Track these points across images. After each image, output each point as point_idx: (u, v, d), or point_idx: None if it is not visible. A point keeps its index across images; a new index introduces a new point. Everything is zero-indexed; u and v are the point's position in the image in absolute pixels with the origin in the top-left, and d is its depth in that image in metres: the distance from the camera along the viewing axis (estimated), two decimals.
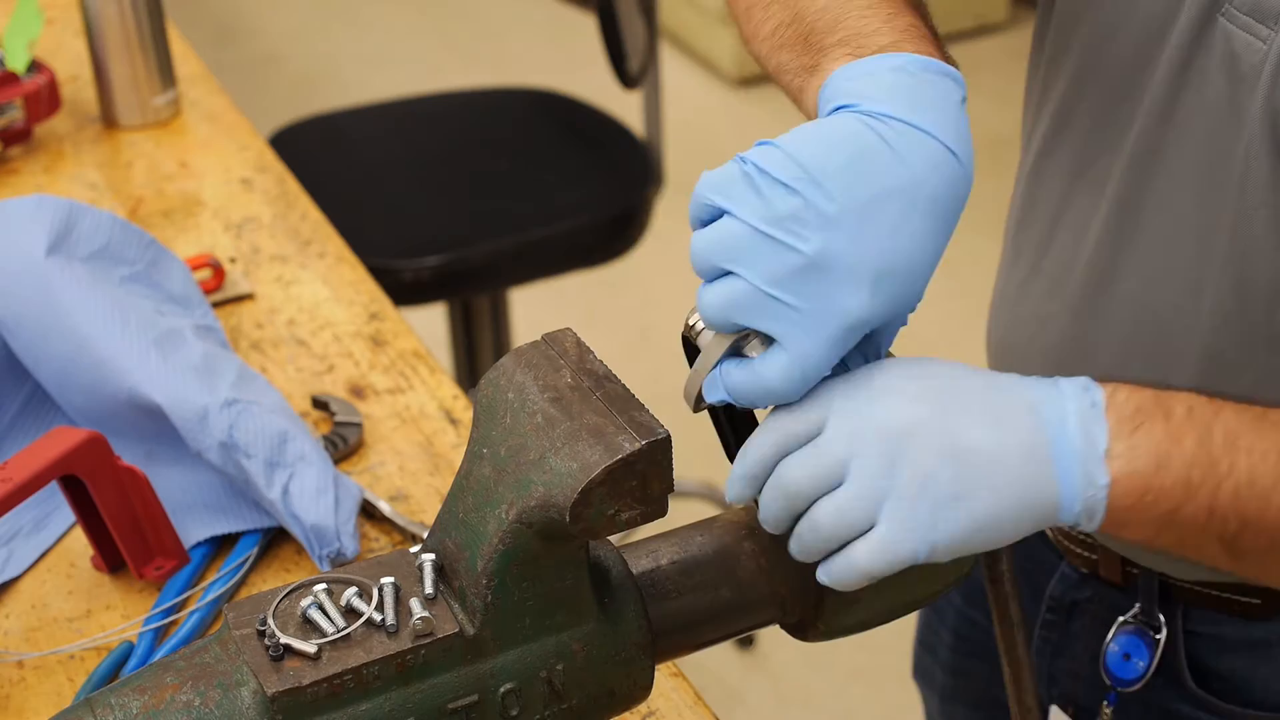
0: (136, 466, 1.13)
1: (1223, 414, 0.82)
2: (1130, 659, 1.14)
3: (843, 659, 2.57)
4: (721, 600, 0.93)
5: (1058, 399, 0.81)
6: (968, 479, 0.80)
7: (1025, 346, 1.17)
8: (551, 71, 3.51)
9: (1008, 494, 0.80)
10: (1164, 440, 0.81)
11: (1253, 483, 0.81)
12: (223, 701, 0.83)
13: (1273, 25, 0.94)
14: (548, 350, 0.89)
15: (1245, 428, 0.82)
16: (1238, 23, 0.96)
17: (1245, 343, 1.01)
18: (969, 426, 0.80)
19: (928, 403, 0.80)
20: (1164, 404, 0.81)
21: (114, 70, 1.74)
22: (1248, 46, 0.95)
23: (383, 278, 1.68)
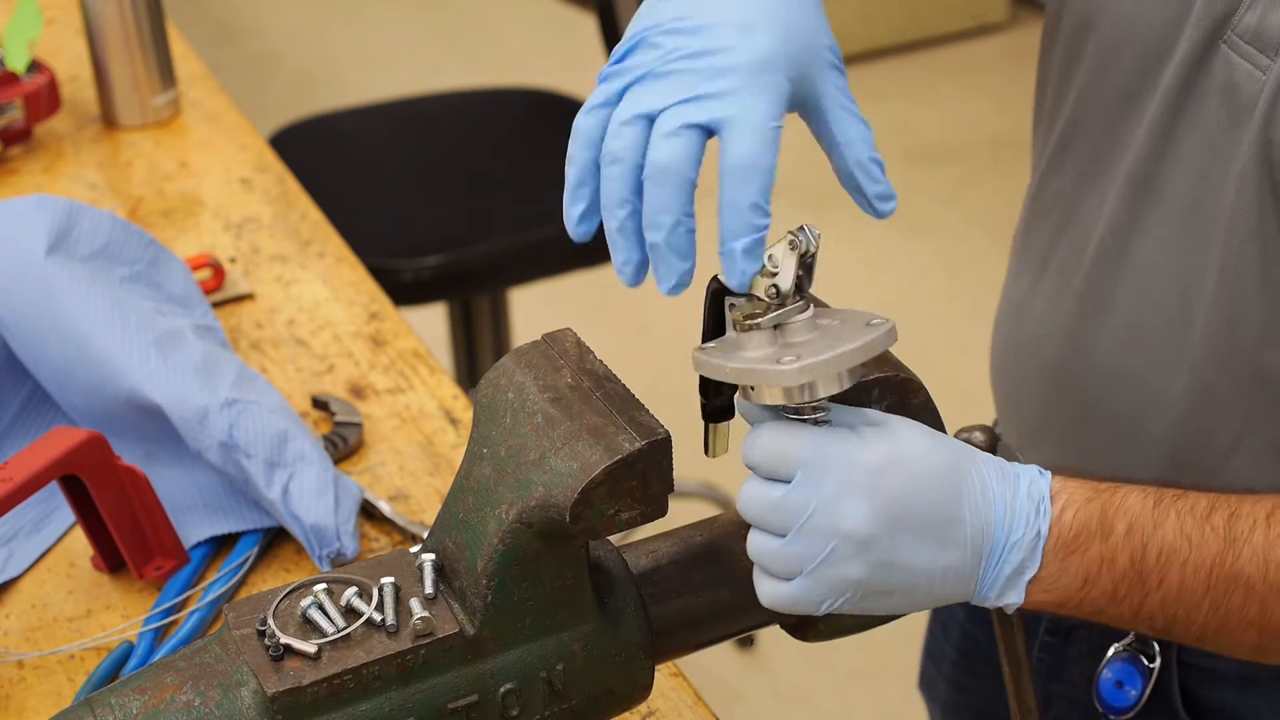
0: (136, 466, 1.13)
1: (1163, 528, 0.86)
2: (1123, 687, 1.13)
3: (843, 659, 2.57)
4: (721, 600, 0.93)
5: (1006, 524, 0.85)
6: (893, 584, 0.85)
7: (1021, 367, 1.17)
8: (551, 71, 3.52)
9: (924, 600, 0.87)
10: (1096, 562, 0.85)
11: (1181, 594, 0.86)
12: (223, 701, 0.83)
13: (1273, 55, 0.94)
14: (548, 350, 0.89)
15: (1184, 541, 0.85)
16: (1240, 51, 0.96)
17: (1234, 378, 1.01)
18: (912, 547, 0.84)
19: (884, 521, 0.83)
20: (1107, 522, 0.85)
21: (114, 70, 1.74)
22: (1248, 77, 0.95)
23: (383, 278, 1.68)
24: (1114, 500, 0.86)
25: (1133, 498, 0.86)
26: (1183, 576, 0.85)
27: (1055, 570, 0.85)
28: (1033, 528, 0.85)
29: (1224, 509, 0.86)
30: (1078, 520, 0.85)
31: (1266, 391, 1.00)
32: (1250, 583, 0.84)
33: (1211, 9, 0.97)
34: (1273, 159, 0.94)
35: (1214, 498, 0.86)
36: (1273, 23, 0.94)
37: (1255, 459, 1.03)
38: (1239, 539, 0.84)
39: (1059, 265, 1.12)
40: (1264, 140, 0.94)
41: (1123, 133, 1.05)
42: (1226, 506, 0.86)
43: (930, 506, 0.84)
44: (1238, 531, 0.85)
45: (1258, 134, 0.94)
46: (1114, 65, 1.05)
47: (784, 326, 0.83)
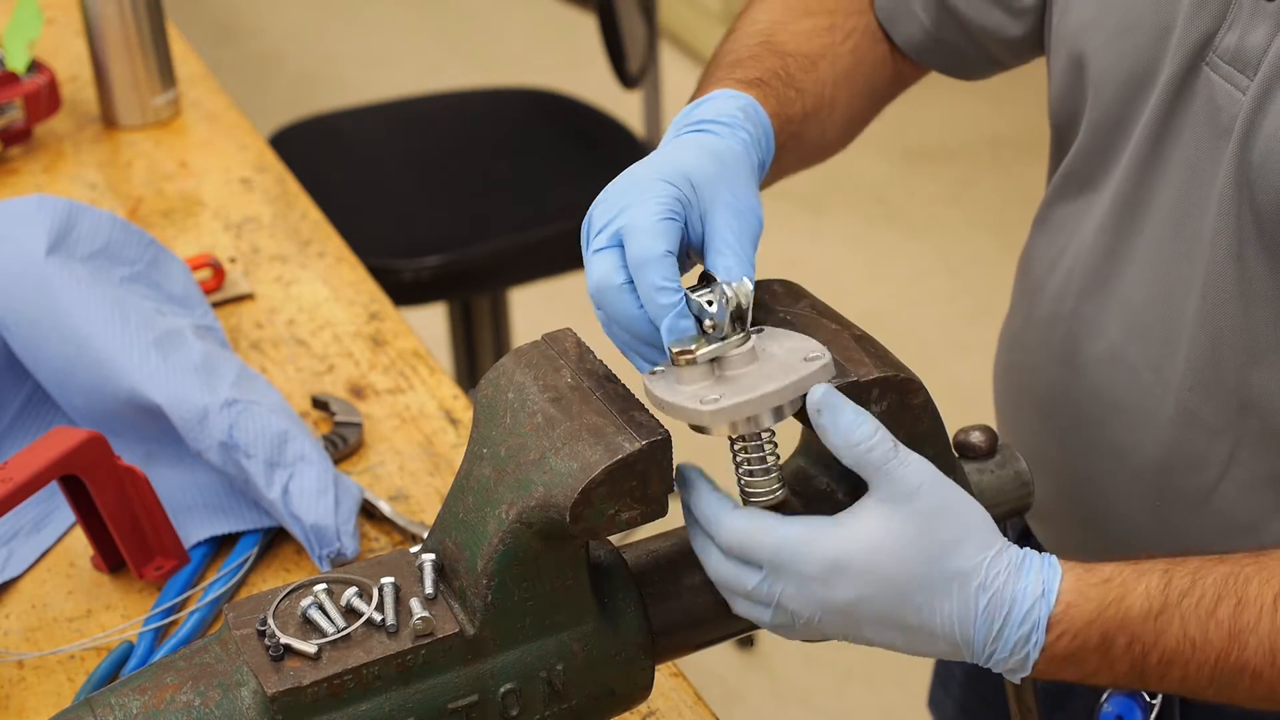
0: (136, 466, 1.13)
1: (1166, 635, 0.85)
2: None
3: (843, 659, 2.57)
4: (722, 600, 0.93)
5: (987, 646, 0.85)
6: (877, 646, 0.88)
7: (1018, 396, 1.17)
8: (551, 71, 3.51)
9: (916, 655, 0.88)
10: (1093, 670, 0.86)
11: (1184, 686, 0.86)
12: (223, 701, 0.83)
13: (1252, 76, 0.94)
14: (548, 350, 0.89)
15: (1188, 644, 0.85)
16: (1220, 72, 0.96)
17: (1220, 403, 1.01)
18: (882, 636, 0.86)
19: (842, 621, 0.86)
20: (1107, 640, 0.85)
21: (114, 70, 1.74)
22: (1228, 97, 0.95)
23: (383, 278, 1.68)
24: (1116, 616, 0.85)
25: (1137, 607, 0.85)
26: (1185, 673, 0.85)
27: (1049, 672, 0.86)
28: (1020, 653, 0.85)
29: (1230, 598, 0.84)
30: (1073, 645, 0.85)
31: (1252, 418, 1.00)
32: (1257, 671, 0.85)
33: (1193, 31, 0.97)
34: (1250, 179, 0.94)
35: (1222, 583, 0.85)
36: (1251, 43, 0.94)
37: (1242, 488, 1.03)
38: (1244, 631, 0.84)
39: (1053, 292, 1.12)
40: (1241, 160, 0.94)
41: (1112, 158, 1.05)
42: (1233, 594, 0.85)
43: (890, 615, 0.85)
44: (1243, 624, 0.84)
45: (1235, 154, 0.94)
46: (1103, 92, 1.05)
47: (722, 360, 0.85)
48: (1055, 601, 0.84)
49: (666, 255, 0.88)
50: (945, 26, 1.16)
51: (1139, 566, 0.86)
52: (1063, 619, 0.84)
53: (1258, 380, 0.98)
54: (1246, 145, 0.94)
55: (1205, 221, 0.98)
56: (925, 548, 0.84)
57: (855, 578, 0.84)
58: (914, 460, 0.84)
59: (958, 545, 0.84)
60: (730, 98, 1.00)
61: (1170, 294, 1.02)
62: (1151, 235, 1.02)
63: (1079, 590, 0.85)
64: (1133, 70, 1.02)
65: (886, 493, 0.84)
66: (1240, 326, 0.98)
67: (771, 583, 0.85)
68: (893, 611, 0.85)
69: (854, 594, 0.84)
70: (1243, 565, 0.85)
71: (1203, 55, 0.97)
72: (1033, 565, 0.85)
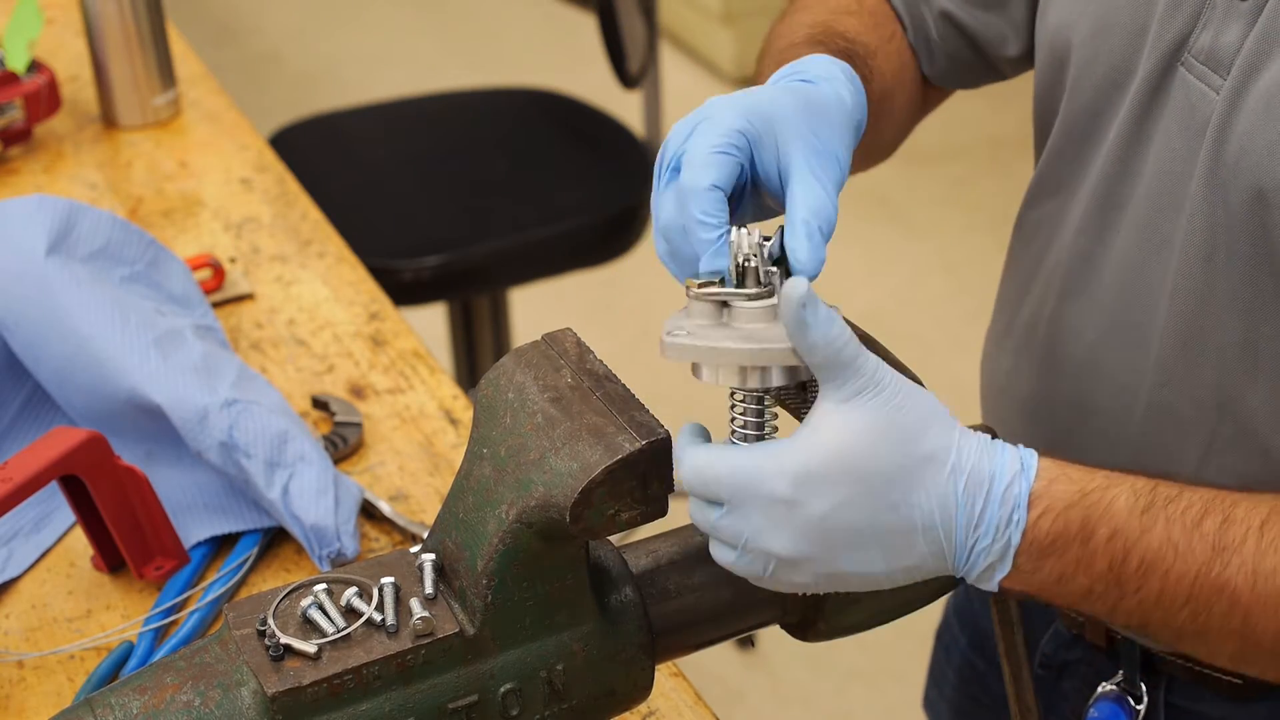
0: (136, 466, 1.13)
1: (1149, 534, 0.82)
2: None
3: (843, 659, 2.57)
4: (721, 600, 0.93)
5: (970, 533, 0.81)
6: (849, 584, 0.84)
7: (999, 398, 1.17)
8: (551, 71, 3.51)
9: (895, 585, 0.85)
10: (1073, 563, 0.82)
11: (1160, 601, 0.83)
12: (223, 701, 0.83)
13: (1225, 75, 0.94)
14: (548, 350, 0.89)
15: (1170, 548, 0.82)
16: (1195, 72, 0.96)
17: (1193, 404, 1.00)
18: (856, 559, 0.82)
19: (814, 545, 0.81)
20: (1089, 527, 0.81)
21: (114, 70, 1.74)
22: (1203, 97, 0.95)
23: (383, 278, 1.68)
24: (1100, 503, 0.82)
25: (1121, 500, 0.82)
26: (1164, 585, 0.82)
27: (1028, 568, 0.82)
28: (1002, 537, 0.81)
29: (1217, 514, 0.82)
30: (1055, 526, 0.81)
31: (1224, 420, 0.99)
32: (1236, 594, 0.82)
33: (1168, 31, 0.97)
34: (1223, 179, 0.93)
35: (1209, 499, 0.83)
36: (1225, 42, 0.94)
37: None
38: (1229, 548, 0.81)
39: (1035, 296, 1.12)
40: (1214, 160, 0.94)
41: (1089, 158, 1.05)
42: (1220, 511, 0.83)
43: (866, 522, 0.81)
44: (1228, 539, 0.82)
45: (1209, 154, 0.94)
46: (1080, 92, 1.05)
47: (733, 309, 0.83)
48: (1036, 477, 0.81)
49: (711, 189, 0.84)
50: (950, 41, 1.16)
51: (1125, 471, 0.84)
52: (1044, 495, 0.81)
53: (1227, 382, 0.98)
54: (1219, 145, 0.93)
55: (1178, 223, 0.97)
56: (894, 436, 0.80)
57: (827, 485, 0.80)
58: (871, 356, 0.81)
59: (925, 429, 0.81)
60: (829, 61, 0.96)
61: (1143, 295, 1.01)
62: (1127, 236, 1.02)
63: (1060, 470, 0.82)
64: (1109, 71, 1.02)
65: (852, 387, 0.80)
66: (1209, 328, 0.97)
67: (735, 518, 0.81)
68: (870, 517, 0.80)
69: (827, 504, 0.80)
70: (1230, 491, 0.84)
71: (1178, 55, 0.97)
72: (1005, 446, 0.82)
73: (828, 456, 0.80)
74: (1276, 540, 0.81)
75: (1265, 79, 0.91)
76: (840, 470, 0.80)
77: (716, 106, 0.88)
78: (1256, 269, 0.94)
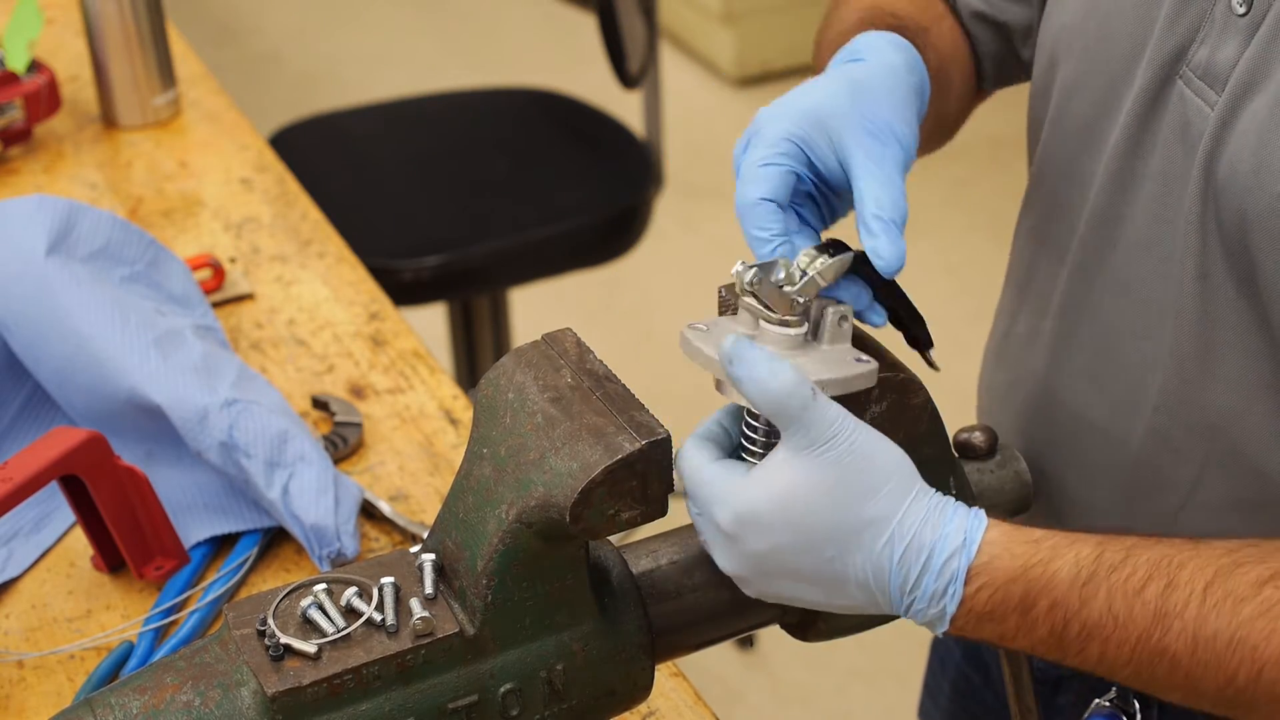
0: (136, 466, 1.13)
1: (1090, 605, 0.82)
2: None
3: (843, 659, 2.57)
4: (721, 600, 0.93)
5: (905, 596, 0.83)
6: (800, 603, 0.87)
7: (1000, 410, 1.16)
8: (551, 71, 3.51)
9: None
10: (1013, 629, 0.83)
11: (1102, 663, 0.83)
12: (223, 701, 0.83)
13: (1221, 90, 0.92)
14: (548, 350, 0.89)
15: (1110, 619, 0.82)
16: (1192, 86, 0.95)
17: (1187, 424, 0.99)
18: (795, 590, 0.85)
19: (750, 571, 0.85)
20: (1028, 600, 0.82)
21: (114, 70, 1.74)
22: (1198, 112, 0.94)
23: (383, 278, 1.68)
24: (1041, 577, 0.82)
25: (1063, 572, 0.82)
26: (1104, 650, 0.82)
27: (968, 628, 0.83)
28: (937, 605, 0.82)
29: (1161, 579, 0.82)
30: (994, 599, 0.82)
31: (1217, 442, 0.98)
32: (1176, 658, 0.81)
33: (1167, 43, 0.96)
34: (1215, 195, 0.92)
35: (1156, 564, 0.82)
36: (1222, 57, 0.93)
37: (1209, 512, 1.01)
38: (1170, 614, 0.81)
39: (1028, 312, 1.12)
40: (1207, 176, 0.93)
41: (1085, 170, 1.04)
42: (1164, 575, 0.82)
43: (802, 566, 0.83)
44: (1170, 606, 0.81)
45: (1202, 170, 0.93)
46: (1079, 98, 1.04)
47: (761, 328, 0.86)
48: (977, 553, 0.82)
49: (759, 203, 0.86)
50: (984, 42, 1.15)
51: (1072, 535, 0.83)
52: (983, 571, 0.82)
53: (1223, 404, 0.97)
54: (1212, 161, 0.92)
55: (1175, 240, 0.96)
56: (838, 495, 0.81)
57: (767, 530, 0.82)
58: (831, 408, 0.81)
59: (873, 492, 0.81)
60: (877, 35, 0.95)
61: (1141, 312, 1.00)
62: (1124, 252, 1.01)
63: (1004, 545, 0.82)
64: (1108, 80, 1.01)
65: (801, 440, 0.81)
66: (1205, 349, 0.96)
67: (701, 521, 0.86)
68: (806, 563, 0.82)
69: (765, 545, 0.82)
70: (1179, 550, 0.83)
71: (1176, 69, 0.96)
72: (956, 514, 0.82)
73: (770, 504, 0.82)
74: (1220, 603, 0.80)
75: (1258, 100, 0.90)
76: (781, 521, 0.82)
77: (764, 118, 0.90)
78: (1248, 289, 0.93)
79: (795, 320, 0.85)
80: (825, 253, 0.86)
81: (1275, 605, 0.79)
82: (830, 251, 0.86)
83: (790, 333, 0.85)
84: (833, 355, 0.86)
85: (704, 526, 0.86)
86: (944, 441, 0.94)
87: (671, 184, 2.53)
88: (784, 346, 0.85)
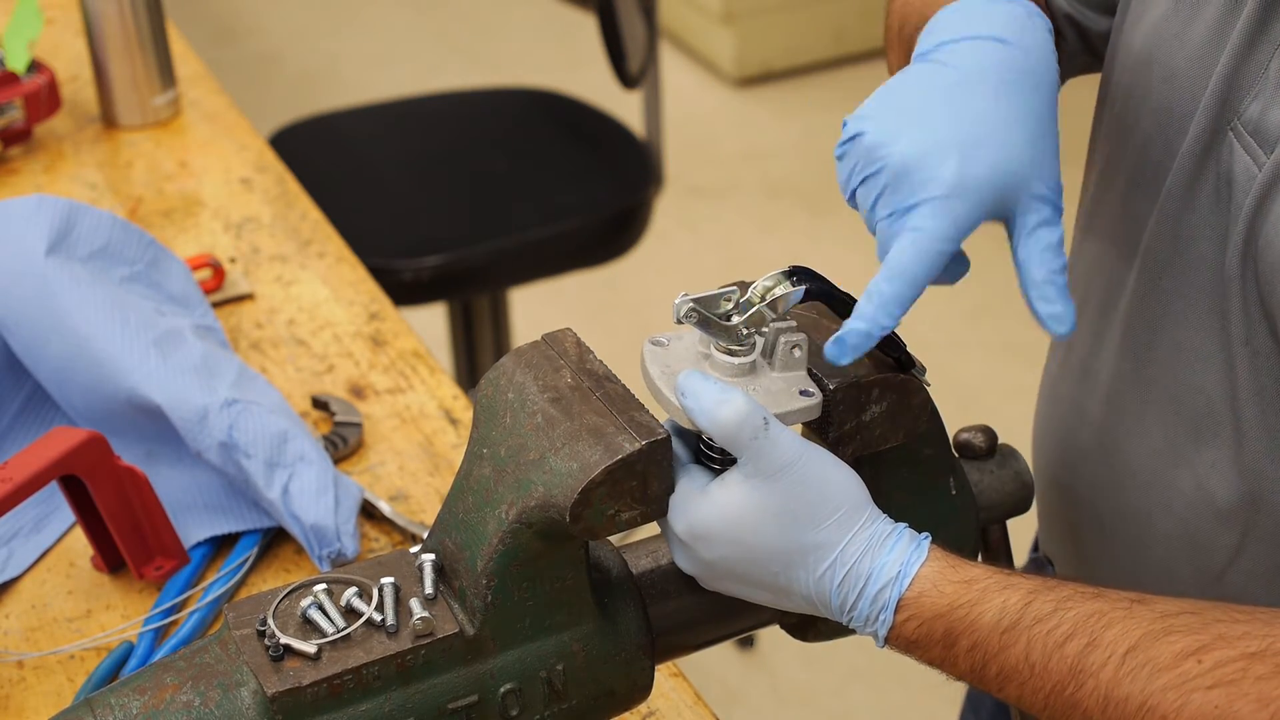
0: (136, 466, 1.13)
1: (1008, 652, 0.83)
2: None
3: (843, 659, 2.57)
4: (721, 600, 0.93)
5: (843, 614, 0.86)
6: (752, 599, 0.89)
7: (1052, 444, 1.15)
8: (551, 71, 3.52)
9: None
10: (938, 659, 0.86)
11: (1021, 702, 0.85)
12: (223, 701, 0.83)
13: (1269, 152, 0.90)
14: (548, 350, 0.89)
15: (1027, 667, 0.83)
16: (1243, 142, 0.93)
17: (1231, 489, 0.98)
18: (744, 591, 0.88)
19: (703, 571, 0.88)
20: (950, 637, 0.84)
21: (114, 70, 1.74)
22: (1245, 170, 0.92)
23: (383, 278, 1.68)
24: (965, 619, 0.84)
25: (987, 617, 0.84)
26: (1021, 693, 0.84)
27: (900, 649, 0.86)
28: (870, 628, 0.86)
29: (1083, 636, 0.82)
30: (920, 631, 0.85)
31: (1261, 511, 0.97)
32: (1088, 713, 0.82)
33: (1220, 92, 0.94)
34: (1256, 261, 0.91)
35: (1082, 619, 0.83)
36: (1273, 120, 0.91)
37: (1251, 577, 1.00)
38: (1085, 671, 0.82)
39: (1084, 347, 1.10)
40: (1248, 236, 0.91)
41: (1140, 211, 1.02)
42: (1088, 633, 0.82)
43: (749, 575, 0.86)
44: (1088, 664, 0.82)
45: (1243, 228, 0.91)
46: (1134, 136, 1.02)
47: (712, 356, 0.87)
48: (908, 586, 0.84)
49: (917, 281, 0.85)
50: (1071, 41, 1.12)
51: (1009, 579, 0.85)
52: (912, 605, 0.84)
53: (1265, 468, 0.96)
54: (1255, 222, 0.91)
55: (1225, 301, 0.95)
56: (784, 521, 0.84)
57: (715, 543, 0.85)
58: (784, 437, 0.84)
59: (819, 520, 0.84)
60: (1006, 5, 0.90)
61: (1195, 369, 0.99)
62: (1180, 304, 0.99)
63: (935, 583, 0.85)
64: (1167, 119, 0.99)
65: (751, 469, 0.84)
66: (1254, 416, 0.95)
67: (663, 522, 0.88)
68: (751, 573, 0.86)
69: (714, 555, 0.86)
70: (1114, 606, 0.83)
71: (1228, 120, 0.94)
72: (897, 545, 0.85)
73: (720, 522, 0.85)
74: (1136, 670, 0.81)
75: None
76: (728, 538, 0.85)
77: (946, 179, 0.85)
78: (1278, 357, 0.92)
79: (742, 350, 0.87)
80: (789, 280, 0.88)
81: (1191, 679, 0.79)
82: (793, 280, 0.88)
83: (736, 361, 0.86)
84: (779, 385, 0.87)
85: (664, 526, 0.88)
86: (944, 441, 0.94)
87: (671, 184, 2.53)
88: (730, 374, 0.86)
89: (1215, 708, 0.77)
